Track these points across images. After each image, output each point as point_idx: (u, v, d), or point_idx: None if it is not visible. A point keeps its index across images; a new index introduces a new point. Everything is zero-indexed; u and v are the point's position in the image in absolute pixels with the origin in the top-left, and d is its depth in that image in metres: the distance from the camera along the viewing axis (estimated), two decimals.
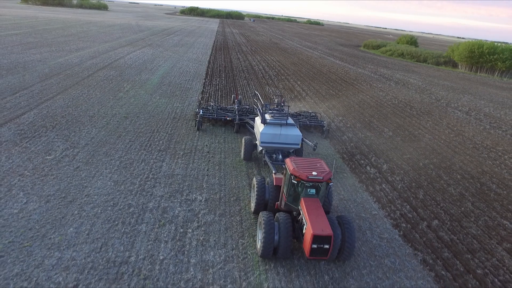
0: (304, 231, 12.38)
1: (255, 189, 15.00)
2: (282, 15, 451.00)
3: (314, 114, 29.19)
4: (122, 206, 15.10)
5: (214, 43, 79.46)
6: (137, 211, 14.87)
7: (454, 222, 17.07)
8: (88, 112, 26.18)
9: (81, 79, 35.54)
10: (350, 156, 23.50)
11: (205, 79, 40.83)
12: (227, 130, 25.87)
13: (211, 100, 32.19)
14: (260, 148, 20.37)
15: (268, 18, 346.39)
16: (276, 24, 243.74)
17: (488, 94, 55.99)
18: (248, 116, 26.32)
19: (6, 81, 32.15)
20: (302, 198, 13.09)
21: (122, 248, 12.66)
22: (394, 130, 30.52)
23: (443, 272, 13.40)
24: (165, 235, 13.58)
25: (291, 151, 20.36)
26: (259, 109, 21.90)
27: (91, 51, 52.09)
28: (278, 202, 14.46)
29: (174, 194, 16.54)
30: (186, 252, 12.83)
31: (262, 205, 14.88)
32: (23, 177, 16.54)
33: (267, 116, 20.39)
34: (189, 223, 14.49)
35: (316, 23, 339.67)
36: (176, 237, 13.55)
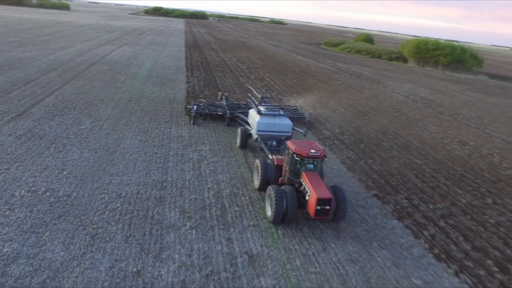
0: (307, 198, 15.19)
1: (260, 169, 17.57)
2: (246, 15, 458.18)
3: (295, 108, 32.45)
4: (151, 154, 21.30)
5: (185, 42, 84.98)
6: (163, 156, 21.15)
7: (383, 161, 24.50)
8: (97, 97, 31.73)
9: (78, 73, 40.67)
10: (311, 124, 30.56)
11: (187, 72, 46.86)
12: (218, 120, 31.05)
13: (202, 96, 37.08)
14: (255, 137, 22.71)
15: (232, 18, 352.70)
16: (240, 24, 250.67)
17: (428, 84, 65.37)
18: (237, 110, 28.81)
19: (13, 75, 36.88)
20: (303, 172, 15.94)
21: (160, 175, 18.93)
22: (346, 108, 38.06)
23: (371, 184, 20.64)
24: (187, 167, 19.98)
25: (282, 138, 22.67)
26: (254, 102, 24.89)
27: (75, 49, 56.63)
28: (282, 178, 17.13)
29: (185, 147, 22.90)
30: (203, 176, 19.31)
31: (266, 182, 17.37)
32: (69, 139, 22.25)
33: (262, 108, 23.22)
34: (201, 162, 20.95)
35: (279, 23, 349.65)
36: (194, 169, 19.98)
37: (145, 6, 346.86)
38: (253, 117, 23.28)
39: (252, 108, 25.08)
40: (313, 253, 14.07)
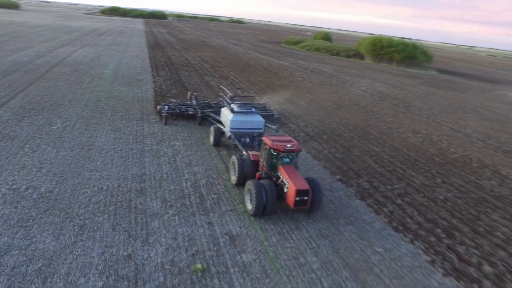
0: (285, 190, 15.89)
1: (237, 165, 18.20)
2: (205, 15, 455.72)
3: (263, 105, 33.04)
4: (127, 150, 22.04)
5: (147, 42, 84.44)
6: (138, 152, 21.95)
7: (345, 149, 26.51)
8: (65, 98, 31.72)
9: (41, 74, 40.08)
10: (276, 118, 32.15)
11: (152, 72, 47.17)
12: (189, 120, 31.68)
13: (170, 95, 37.74)
14: (228, 134, 23.13)
15: (191, 17, 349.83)
16: (200, 23, 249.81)
17: (384, 79, 69.13)
18: (207, 109, 29.18)
19: None
20: (280, 166, 16.58)
21: (138, 169, 19.77)
22: (308, 103, 40.07)
23: (335, 170, 22.49)
24: (163, 161, 20.93)
25: (255, 135, 23.19)
26: (226, 101, 25.28)
27: (34, 51, 55.23)
28: (259, 173, 17.73)
29: (159, 142, 23.78)
30: (179, 168, 20.35)
31: (243, 178, 18.06)
32: (42, 139, 22.49)
33: (234, 106, 23.73)
34: (176, 156, 21.96)
35: (239, 22, 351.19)
36: (170, 162, 20.96)
37: (101, 6, 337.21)
38: (226, 115, 23.71)
39: (224, 106, 25.55)
40: (287, 231, 15.57)
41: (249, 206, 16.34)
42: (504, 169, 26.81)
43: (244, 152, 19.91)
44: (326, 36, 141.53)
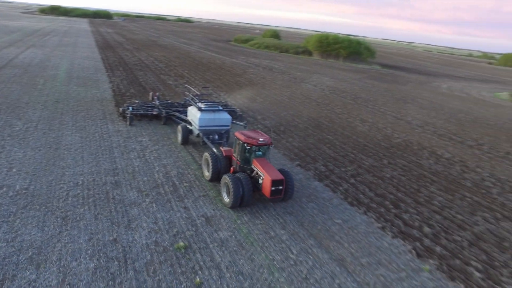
0: (260, 182, 16.75)
1: (210, 161, 18.91)
2: (152, 14, 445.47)
3: (226, 103, 33.28)
4: (95, 147, 22.66)
5: (96, 43, 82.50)
6: (107, 148, 22.66)
7: (301, 138, 28.70)
8: (21, 100, 31.24)
9: None
10: (239, 116, 33.75)
11: (107, 72, 46.88)
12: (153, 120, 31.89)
13: (129, 95, 36.93)
14: (196, 132, 23.86)
15: (138, 17, 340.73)
16: (147, 23, 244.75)
17: (332, 74, 72.92)
18: (171, 109, 29.64)
19: None
20: (254, 159, 17.42)
21: (109, 164, 20.58)
22: (264, 98, 42.07)
23: (294, 157, 24.53)
24: (133, 156, 21.85)
25: (222, 132, 24.01)
26: (193, 100, 25.77)
27: None
28: (234, 167, 18.47)
29: (126, 139, 24.56)
30: (149, 161, 21.40)
31: (217, 173, 18.92)
32: (6, 141, 22.47)
33: (201, 105, 24.15)
34: (144, 150, 22.92)
35: (187, 21, 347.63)
36: (140, 157, 21.93)
37: (38, 5, 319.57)
38: (194, 114, 24.15)
39: (191, 105, 25.91)
40: (256, 210, 17.29)
41: (227, 199, 17.06)
42: (439, 150, 30.34)
43: (214, 149, 20.64)
44: (275, 34, 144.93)
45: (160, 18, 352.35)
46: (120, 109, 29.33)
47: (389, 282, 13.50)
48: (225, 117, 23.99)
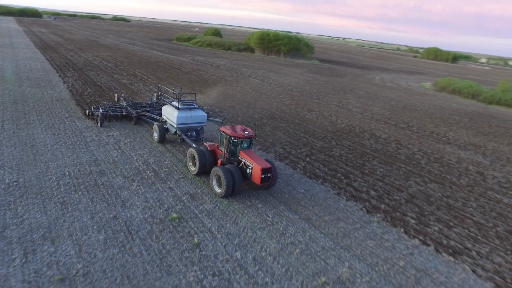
0: (249, 171, 18.17)
1: (197, 156, 19.97)
2: (84, 12, 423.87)
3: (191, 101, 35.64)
4: (70, 142, 23.90)
5: (34, 43, 79.35)
6: (82, 142, 24.01)
7: (258, 127, 31.67)
8: None
9: None
10: (206, 113, 35.91)
11: (58, 73, 46.49)
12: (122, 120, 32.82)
13: (86, 94, 37.40)
14: (173, 130, 24.76)
15: (69, 15, 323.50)
16: (82, 22, 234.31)
17: (276, 69, 76.88)
18: (140, 109, 30.16)
19: None
20: (240, 151, 18.74)
21: (89, 156, 22.07)
22: (217, 93, 44.52)
23: (255, 143, 27.46)
24: (109, 148, 23.45)
25: (199, 128, 25.32)
26: (168, 100, 26.81)
27: None
28: (221, 160, 19.63)
29: (98, 134, 25.95)
30: (126, 152, 23.15)
31: (203, 167, 20.07)
32: None
33: (177, 104, 24.66)
34: (119, 143, 24.56)
35: (123, 20, 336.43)
36: (116, 148, 23.57)
37: None
38: (170, 112, 24.87)
39: (165, 104, 26.73)
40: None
41: (218, 190, 18.34)
42: (377, 132, 34.92)
43: (193, 145, 22.14)
44: (216, 32, 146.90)
45: (94, 17, 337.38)
46: (87, 111, 29.48)
47: (348, 231, 16.90)
48: (201, 114, 25.11)
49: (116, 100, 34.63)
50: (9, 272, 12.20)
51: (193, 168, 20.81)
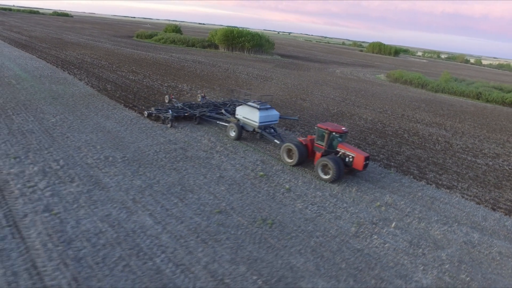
0: (349, 160, 22.06)
1: (296, 150, 23.30)
2: (21, 7, 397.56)
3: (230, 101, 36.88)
4: (137, 128, 28.71)
5: (4, 42, 78.92)
6: (146, 128, 29.04)
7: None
8: (19, 99, 34.25)
9: None
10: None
11: (65, 71, 49.30)
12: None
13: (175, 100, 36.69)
14: (251, 129, 27.77)
15: (3, 9, 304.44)
16: (24, 17, 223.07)
17: (250, 65, 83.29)
18: (202, 109, 32.56)
19: None
20: (339, 144, 22.62)
21: (162, 138, 27.24)
22: (219, 86, 50.20)
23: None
24: (172, 132, 28.80)
25: (272, 126, 28.39)
26: (249, 102, 28.64)
27: None
28: (321, 152, 23.04)
29: (153, 122, 30.95)
30: (190, 135, 28.66)
31: (301, 159, 23.55)
32: (54, 130, 27.17)
33: (255, 104, 27.33)
34: (177, 127, 29.91)
35: (65, 15, 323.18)
36: (178, 132, 28.93)
37: None
38: (249, 112, 27.56)
39: (240, 105, 29.26)
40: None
41: (326, 176, 22.02)
42: (363, 115, 42.94)
43: (276, 141, 26.65)
44: (177, 29, 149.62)
45: (32, 12, 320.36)
46: (146, 112, 31.87)
47: (378, 179, 24.12)
48: (275, 113, 28.29)
49: (167, 101, 37.29)
50: (180, 209, 17.82)
51: (290, 160, 24.18)
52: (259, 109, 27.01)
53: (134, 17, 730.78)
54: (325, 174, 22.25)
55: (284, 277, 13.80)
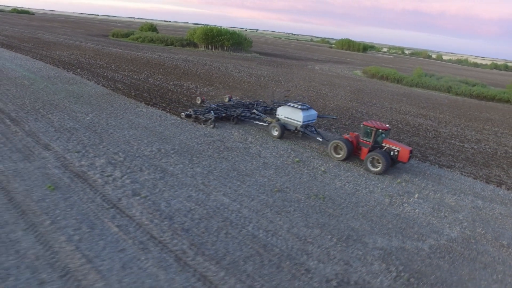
0: (395, 153, 24.26)
1: (345, 146, 25.67)
2: None
3: (261, 101, 40.00)
4: (170, 124, 31.34)
5: None
6: (178, 124, 31.81)
7: None
8: (42, 100, 35.82)
9: None
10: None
11: (70, 71, 50.53)
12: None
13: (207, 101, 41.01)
14: (293, 128, 30.13)
15: None
16: None
17: (235, 63, 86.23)
18: (238, 110, 34.87)
19: None
20: (384, 140, 24.86)
21: (198, 132, 30.10)
22: (222, 84, 53.09)
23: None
24: (202, 127, 31.71)
25: (311, 124, 30.89)
26: (290, 103, 30.74)
27: None
28: (368, 147, 25.28)
29: (178, 118, 33.68)
30: (220, 128, 31.68)
31: (349, 153, 25.81)
32: (98, 127, 29.45)
33: (296, 105, 29.57)
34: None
35: (26, 12, 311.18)
36: (207, 127, 31.91)
37: None
38: (291, 112, 29.74)
39: (281, 106, 31.56)
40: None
41: (376, 168, 24.40)
42: (358, 109, 47.30)
43: (319, 138, 29.61)
44: (153, 27, 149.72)
45: None
46: (184, 113, 33.51)
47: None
48: (314, 113, 30.61)
49: (198, 102, 39.17)
50: (246, 190, 21.03)
51: (338, 156, 26.42)
52: (302, 109, 29.30)
53: (98, 15, 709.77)
54: (374, 167, 24.68)
55: (350, 235, 17.45)
